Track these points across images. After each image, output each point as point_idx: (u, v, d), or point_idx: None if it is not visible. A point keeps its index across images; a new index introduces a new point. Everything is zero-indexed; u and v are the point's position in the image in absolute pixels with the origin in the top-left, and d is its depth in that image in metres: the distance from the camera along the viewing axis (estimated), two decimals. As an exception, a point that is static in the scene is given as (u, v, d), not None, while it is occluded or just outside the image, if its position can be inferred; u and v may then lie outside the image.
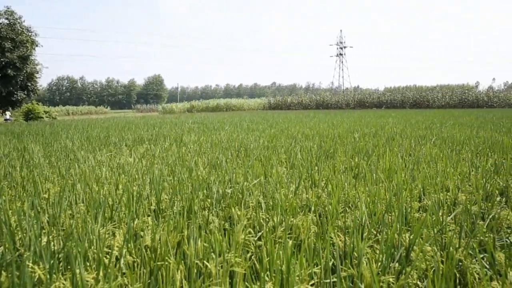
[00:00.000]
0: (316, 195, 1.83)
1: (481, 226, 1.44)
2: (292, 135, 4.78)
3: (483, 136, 4.18)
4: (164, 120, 10.86)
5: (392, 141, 3.83)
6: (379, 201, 1.68)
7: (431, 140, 3.85)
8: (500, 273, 1.08)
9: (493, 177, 2.06)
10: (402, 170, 2.31)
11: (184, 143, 4.23)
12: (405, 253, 1.19)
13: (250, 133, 5.32)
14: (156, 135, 5.28)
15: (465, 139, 3.95)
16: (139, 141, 4.63)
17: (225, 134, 5.27)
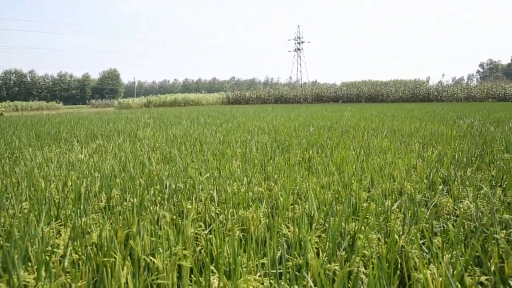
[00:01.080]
0: (268, 188, 1.85)
1: (423, 213, 1.51)
2: (249, 129, 4.80)
3: (430, 128, 4.37)
4: (119, 116, 10.58)
5: (346, 134, 3.93)
6: (329, 192, 1.72)
7: (383, 133, 3.98)
8: (437, 257, 1.14)
9: (437, 167, 2.16)
10: (354, 162, 2.38)
11: (138, 138, 4.15)
12: (351, 241, 1.22)
13: (206, 127, 5.29)
14: (110, 131, 5.14)
15: (414, 131, 4.11)
16: (91, 137, 4.49)
17: (182, 129, 5.21)
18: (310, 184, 1.83)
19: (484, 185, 1.88)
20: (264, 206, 1.58)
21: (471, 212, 1.43)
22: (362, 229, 1.29)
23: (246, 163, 2.40)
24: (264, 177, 2.09)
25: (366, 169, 2.14)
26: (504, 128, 4.41)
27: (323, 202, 1.55)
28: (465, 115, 7.12)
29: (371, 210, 1.50)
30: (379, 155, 2.64)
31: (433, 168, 2.12)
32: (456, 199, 1.67)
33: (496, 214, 1.45)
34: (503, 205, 1.57)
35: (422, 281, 0.92)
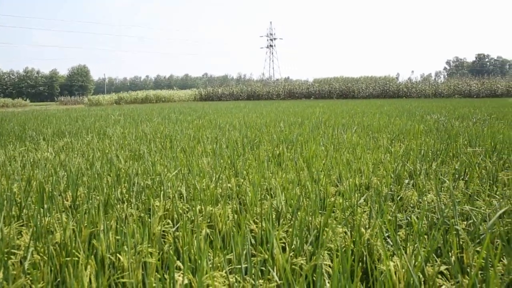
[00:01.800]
0: (237, 184, 1.85)
1: (389, 207, 1.54)
2: (220, 126, 4.78)
3: (398, 124, 4.47)
4: (89, 113, 10.34)
5: (317, 130, 3.97)
6: (298, 187, 1.74)
7: (353, 129, 4.04)
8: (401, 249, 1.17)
9: (404, 162, 2.21)
10: (323, 158, 2.41)
11: (107, 136, 4.06)
12: (318, 235, 1.24)
13: (177, 124, 5.24)
14: (78, 128, 5.01)
15: (383, 126, 4.19)
16: (59, 134, 4.37)
17: (152, 126, 5.14)
18: (279, 180, 1.84)
19: (448, 178, 1.94)
20: (232, 202, 1.58)
21: (435, 204, 1.47)
22: (329, 223, 1.31)
23: (216, 160, 2.39)
24: (234, 173, 2.09)
25: (334, 164, 2.17)
26: (468, 123, 4.55)
27: (292, 198, 1.56)
28: (432, 111, 7.32)
29: (338, 205, 1.52)
30: (348, 150, 2.68)
31: (399, 163, 2.17)
32: (421, 192, 1.71)
33: (458, 206, 1.50)
34: (465, 197, 1.62)
35: (385, 272, 0.93)
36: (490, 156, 2.45)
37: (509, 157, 2.33)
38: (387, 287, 0.92)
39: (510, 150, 2.54)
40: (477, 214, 1.40)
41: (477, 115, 5.83)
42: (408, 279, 0.93)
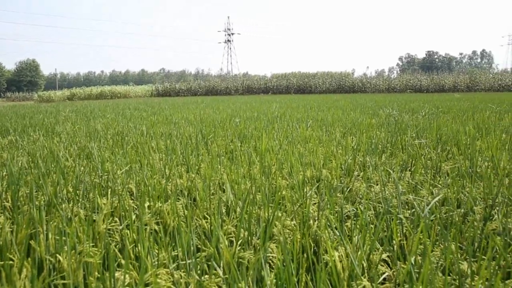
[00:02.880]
0: (189, 179, 1.82)
1: (338, 198, 1.57)
2: (175, 121, 4.71)
3: (352, 118, 4.58)
4: (38, 109, 9.89)
5: (271, 125, 3.99)
6: (249, 182, 1.73)
7: (307, 123, 4.10)
8: (349, 238, 1.19)
9: (354, 154, 2.26)
10: (277, 152, 2.42)
11: (56, 133, 3.90)
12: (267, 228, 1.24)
13: (131, 121, 5.11)
14: (25, 126, 4.78)
15: (337, 120, 4.28)
16: (3, 132, 4.14)
17: (105, 122, 4.98)
18: (231, 175, 1.83)
19: (396, 170, 2.01)
20: (183, 198, 1.55)
21: (382, 195, 1.52)
22: (279, 216, 1.32)
23: (168, 156, 2.35)
24: (186, 169, 2.06)
25: (287, 158, 2.19)
26: (417, 117, 4.73)
27: (243, 192, 1.56)
28: (385, 105, 7.55)
29: (289, 197, 1.53)
30: (302, 144, 2.71)
31: (350, 156, 2.22)
32: (370, 184, 1.76)
33: (403, 196, 1.55)
34: (410, 187, 1.68)
35: (330, 262, 0.95)
36: (435, 147, 2.55)
37: (452, 149, 2.44)
38: (332, 276, 0.94)
39: (453, 142, 2.66)
40: (420, 203, 1.46)
41: (426, 109, 6.07)
42: (352, 268, 0.95)
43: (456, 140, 2.69)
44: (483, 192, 1.55)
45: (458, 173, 1.85)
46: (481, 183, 1.69)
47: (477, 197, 1.52)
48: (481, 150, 2.42)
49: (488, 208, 1.36)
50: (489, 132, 3.10)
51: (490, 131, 3.15)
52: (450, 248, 0.93)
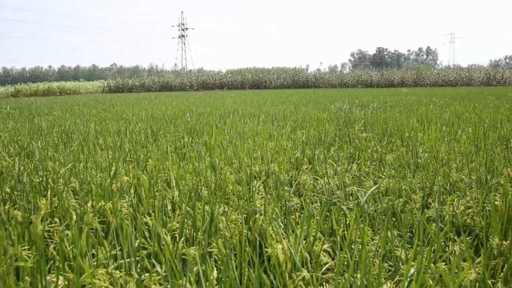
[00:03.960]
0: (136, 176, 1.78)
1: (285, 192, 1.59)
2: (126, 118, 4.59)
3: (303, 112, 4.65)
4: (-23, 107, 9.30)
5: (224, 120, 3.98)
6: (197, 177, 1.72)
7: (259, 117, 4.12)
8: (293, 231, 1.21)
9: (304, 148, 2.29)
10: (227, 146, 2.41)
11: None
12: (211, 223, 1.23)
13: (79, 117, 4.93)
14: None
15: (289, 115, 4.34)
16: None
17: (51, 119, 4.77)
18: (179, 171, 1.80)
19: (343, 162, 2.06)
20: (129, 196, 1.52)
21: (325, 187, 1.55)
22: (225, 211, 1.31)
23: (115, 153, 2.28)
24: (134, 166, 2.01)
25: (237, 153, 2.19)
26: (366, 111, 4.88)
27: (192, 188, 1.54)
28: (337, 100, 7.74)
29: (236, 192, 1.53)
30: (252, 138, 2.72)
31: (299, 149, 2.25)
32: (317, 177, 1.79)
33: (348, 188, 1.59)
34: (355, 179, 1.73)
35: (272, 255, 0.96)
36: (381, 140, 2.64)
37: (396, 141, 2.53)
38: (275, 269, 0.95)
39: (398, 134, 2.77)
40: (363, 194, 1.50)
41: (375, 103, 6.28)
42: (294, 260, 0.97)
43: (401, 133, 2.80)
44: (422, 182, 1.62)
45: (400, 164, 1.92)
46: (420, 173, 1.77)
47: (416, 186, 1.59)
48: (423, 141, 2.53)
49: (426, 197, 1.43)
50: (431, 125, 3.25)
51: (432, 124, 3.31)
52: (386, 235, 0.96)
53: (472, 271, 0.90)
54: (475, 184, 1.59)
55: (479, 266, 0.94)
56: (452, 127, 3.10)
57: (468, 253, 0.95)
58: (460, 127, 3.11)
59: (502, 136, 2.58)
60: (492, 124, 3.24)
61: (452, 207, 1.31)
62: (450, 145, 2.34)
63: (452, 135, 2.71)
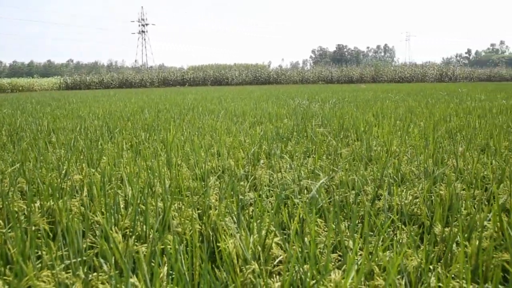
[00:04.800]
0: (89, 175, 1.73)
1: (242, 187, 1.59)
2: (82, 115, 4.45)
3: (263, 108, 4.68)
4: None
5: (183, 116, 3.94)
6: (152, 174, 1.69)
7: (219, 114, 4.11)
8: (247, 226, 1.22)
9: (261, 143, 2.31)
10: (185, 142, 2.39)
11: None
12: (164, 220, 1.22)
13: (31, 115, 4.73)
14: None
15: (249, 111, 4.35)
16: None
17: (0, 116, 4.55)
18: (134, 168, 1.77)
19: (299, 157, 2.09)
20: (81, 195, 1.47)
21: (278, 182, 1.57)
22: (181, 207, 1.30)
23: (68, 151, 2.21)
24: (87, 164, 1.95)
25: (194, 149, 2.17)
26: (325, 106, 4.97)
27: (145, 185, 1.52)
28: (297, 96, 7.83)
29: (192, 188, 1.52)
30: (211, 134, 2.71)
31: (257, 144, 2.27)
32: (274, 171, 1.81)
33: (302, 181, 1.62)
34: (310, 172, 1.76)
35: (223, 249, 0.96)
36: (338, 135, 2.70)
37: (351, 135, 2.60)
38: (226, 263, 0.95)
39: (353, 129, 2.84)
40: (319, 188, 1.53)
41: (334, 99, 6.40)
42: (245, 254, 0.97)
43: (356, 127, 2.87)
44: (373, 174, 1.67)
45: (354, 158, 1.97)
46: (373, 166, 1.83)
47: (368, 179, 1.63)
48: (377, 135, 2.61)
49: (377, 188, 1.47)
50: (386, 119, 3.36)
51: (386, 119, 3.41)
52: (331, 227, 0.98)
53: (415, 257, 0.94)
54: (423, 175, 1.66)
55: (422, 252, 0.98)
56: (405, 121, 3.21)
57: (412, 240, 0.99)
58: (413, 121, 3.23)
59: (450, 129, 2.70)
60: (442, 118, 3.38)
61: (400, 198, 1.36)
62: (402, 138, 2.43)
63: (405, 129, 2.81)
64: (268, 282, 0.85)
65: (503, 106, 4.62)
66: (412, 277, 0.88)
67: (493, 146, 2.12)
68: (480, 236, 0.93)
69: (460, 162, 1.80)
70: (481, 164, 1.75)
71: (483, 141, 2.26)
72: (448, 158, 1.86)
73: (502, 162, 1.75)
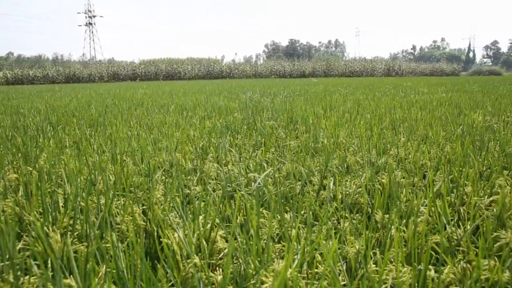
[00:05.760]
0: (26, 173, 1.64)
1: (189, 181, 1.57)
2: (22, 112, 4.22)
3: (214, 102, 4.65)
4: None
5: (130, 111, 3.83)
6: (96, 170, 1.63)
7: (170, 108, 4.03)
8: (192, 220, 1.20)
9: (210, 137, 2.29)
10: (132, 138, 2.33)
11: None
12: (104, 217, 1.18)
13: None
14: None
15: (200, 105, 4.30)
16: None
17: None
18: (76, 164, 1.70)
19: (248, 150, 2.09)
20: (17, 194, 1.39)
21: (223, 175, 1.56)
22: (124, 203, 1.26)
23: (3, 150, 2.08)
24: (24, 161, 1.85)
25: (142, 144, 2.12)
26: (276, 99, 5.01)
27: (86, 182, 1.46)
28: (249, 90, 7.84)
29: (137, 183, 1.49)
30: (159, 129, 2.65)
31: (206, 138, 2.25)
32: (222, 165, 1.80)
33: (250, 174, 1.62)
34: (257, 165, 1.76)
35: (165, 244, 0.94)
36: (287, 127, 2.73)
37: (300, 127, 2.63)
38: (168, 258, 0.93)
39: (302, 121, 2.88)
40: (264, 179, 1.54)
41: (285, 92, 6.47)
42: (190, 247, 0.96)
43: (305, 120, 2.91)
44: (320, 165, 1.70)
45: (302, 150, 2.00)
46: (320, 157, 1.86)
47: (315, 170, 1.66)
48: (325, 127, 2.66)
49: (322, 179, 1.50)
50: (334, 112, 3.43)
51: (335, 111, 3.49)
52: (272, 217, 0.99)
53: (356, 244, 0.96)
54: (367, 164, 1.71)
55: (363, 238, 1.01)
56: (352, 114, 3.29)
57: (353, 228, 1.02)
58: (360, 113, 3.32)
59: (394, 121, 2.81)
60: (387, 110, 3.51)
61: (345, 188, 1.39)
62: (349, 130, 2.49)
63: (352, 121, 2.89)
64: (210, 275, 0.85)
65: (443, 98, 4.87)
66: (352, 263, 0.91)
67: (432, 136, 2.22)
68: (415, 221, 0.97)
69: (401, 151, 1.88)
70: (421, 153, 1.83)
71: (423, 132, 2.37)
72: (391, 148, 1.93)
73: (439, 151, 1.84)
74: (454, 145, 1.95)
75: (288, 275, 0.78)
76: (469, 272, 0.84)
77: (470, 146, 1.89)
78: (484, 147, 1.87)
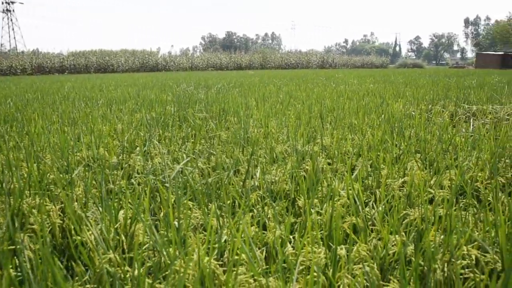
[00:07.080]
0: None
1: (113, 175, 1.52)
2: None
3: (146, 95, 4.52)
4: None
5: (55, 105, 3.63)
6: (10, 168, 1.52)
7: (99, 102, 3.87)
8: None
9: (138, 130, 2.22)
10: (49, 133, 2.20)
11: None
12: (14, 215, 1.11)
13: None
14: None
15: (131, 98, 4.17)
16: None
17: None
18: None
19: (178, 142, 2.05)
20: None
21: (148, 169, 1.53)
22: (41, 202, 1.19)
23: None
24: None
25: (64, 140, 2.01)
26: (210, 91, 4.98)
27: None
28: (184, 82, 7.72)
29: (56, 180, 1.41)
30: (85, 123, 2.53)
31: (134, 131, 2.18)
32: (149, 158, 1.75)
33: (177, 166, 1.59)
34: (187, 157, 1.74)
35: (78, 242, 0.90)
36: (219, 119, 2.72)
37: (232, 119, 2.64)
38: (83, 255, 0.89)
39: (234, 113, 2.89)
40: (191, 172, 1.52)
41: (220, 84, 6.45)
42: (101, 244, 0.92)
43: (237, 111, 2.92)
44: (249, 155, 1.71)
45: (232, 141, 2.01)
46: (249, 147, 1.87)
47: (244, 159, 1.67)
48: (257, 118, 2.69)
49: (251, 168, 1.51)
50: (267, 103, 3.47)
51: (267, 102, 3.53)
52: (203, 209, 0.98)
53: (278, 229, 0.98)
54: (293, 152, 1.75)
55: (285, 224, 1.03)
56: (283, 104, 3.35)
57: (275, 214, 1.04)
58: (291, 104, 3.39)
59: (322, 110, 2.90)
60: (317, 100, 3.61)
61: (271, 175, 1.41)
62: (280, 120, 2.53)
63: (283, 111, 2.94)
64: (126, 269, 0.82)
65: (370, 89, 5.11)
66: (271, 248, 0.92)
67: (355, 124, 2.32)
68: (333, 205, 1.01)
69: (327, 139, 1.94)
70: (344, 140, 1.91)
71: (348, 120, 2.47)
72: (316, 136, 1.99)
73: (362, 138, 1.92)
74: (375, 132, 2.05)
75: (205, 263, 0.78)
76: (380, 248, 0.89)
77: (389, 133, 2.00)
78: (401, 133, 1.98)
